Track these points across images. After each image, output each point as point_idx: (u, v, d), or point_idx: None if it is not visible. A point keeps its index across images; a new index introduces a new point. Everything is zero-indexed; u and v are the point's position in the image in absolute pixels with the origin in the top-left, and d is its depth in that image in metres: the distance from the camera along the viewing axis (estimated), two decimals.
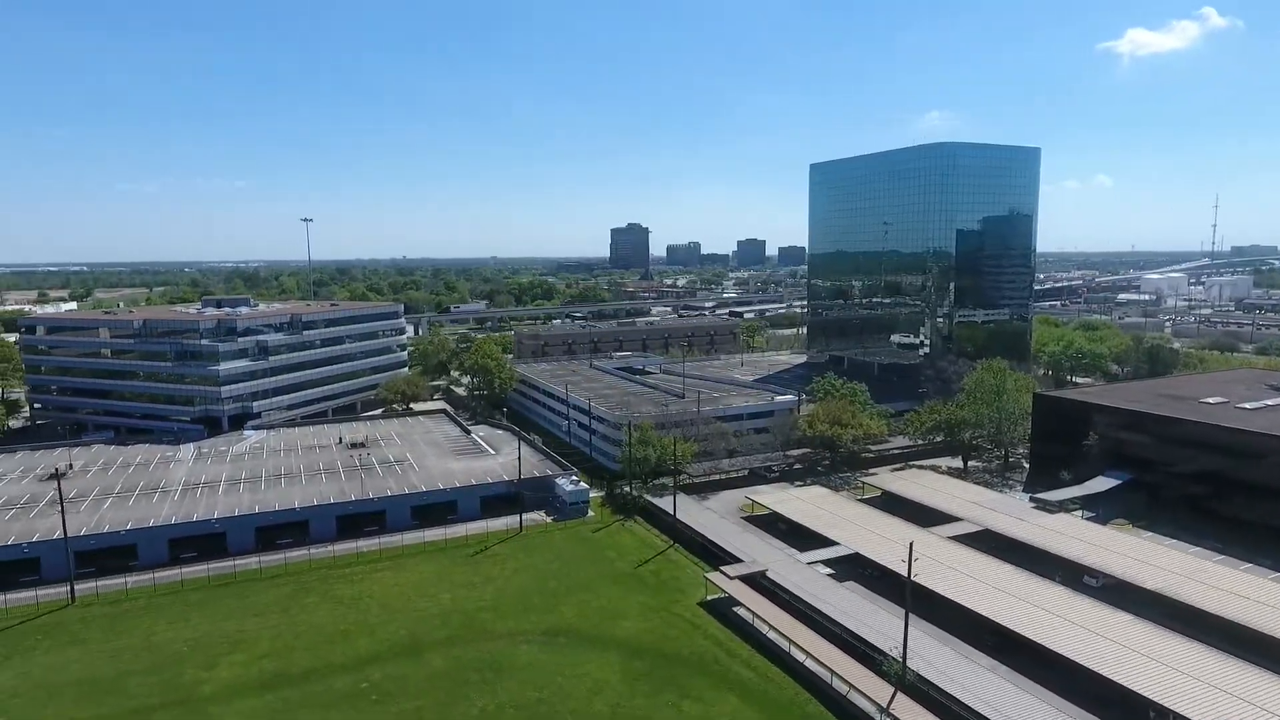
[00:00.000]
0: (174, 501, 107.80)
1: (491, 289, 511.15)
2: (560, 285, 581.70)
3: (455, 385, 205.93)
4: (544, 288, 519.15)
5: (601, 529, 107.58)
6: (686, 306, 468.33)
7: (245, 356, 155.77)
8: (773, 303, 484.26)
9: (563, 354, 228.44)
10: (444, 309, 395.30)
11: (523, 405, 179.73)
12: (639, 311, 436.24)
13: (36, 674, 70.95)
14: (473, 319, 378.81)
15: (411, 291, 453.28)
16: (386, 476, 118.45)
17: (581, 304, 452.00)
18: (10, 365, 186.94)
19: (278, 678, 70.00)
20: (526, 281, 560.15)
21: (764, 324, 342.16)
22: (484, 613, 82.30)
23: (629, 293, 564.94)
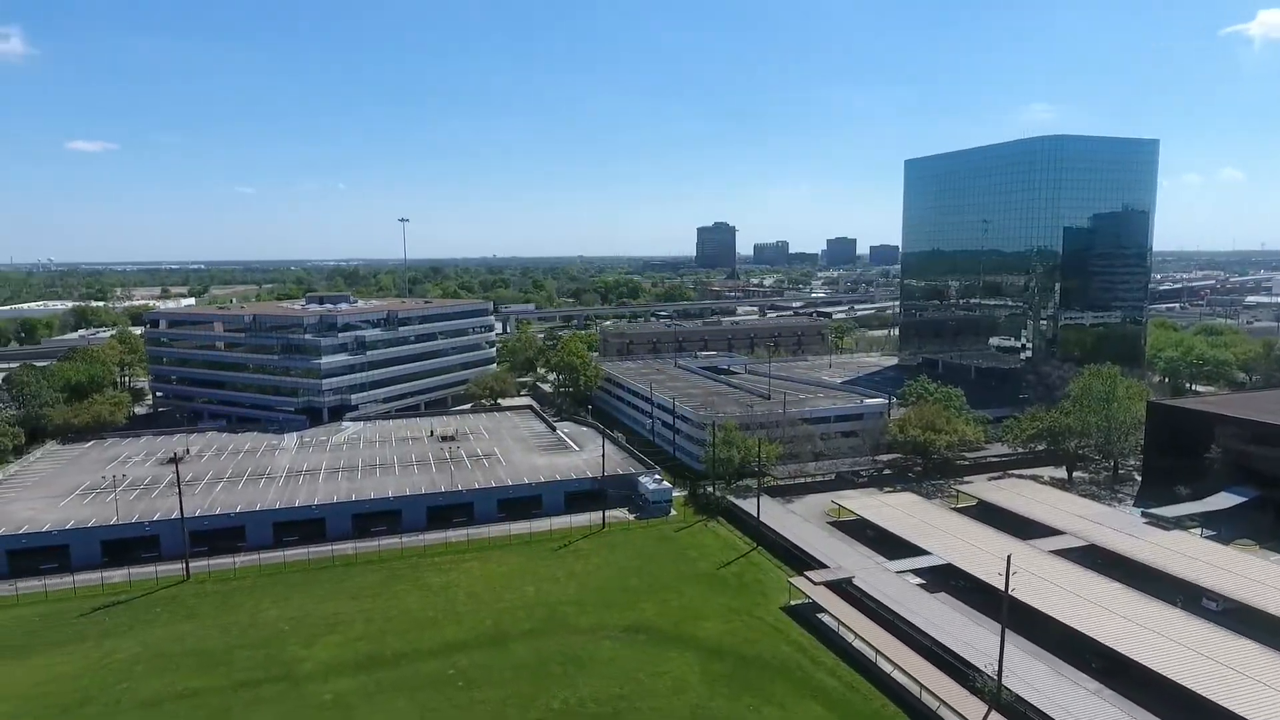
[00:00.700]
0: (278, 487, 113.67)
1: (578, 287, 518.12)
2: (646, 284, 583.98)
3: (542, 382, 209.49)
4: (630, 286, 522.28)
5: (684, 528, 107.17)
6: (773, 306, 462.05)
7: (344, 351, 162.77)
8: (863, 303, 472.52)
9: (647, 353, 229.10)
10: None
11: (607, 403, 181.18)
12: (725, 311, 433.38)
13: (156, 643, 75.99)
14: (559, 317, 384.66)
15: (500, 289, 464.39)
16: (474, 470, 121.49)
17: (667, 303, 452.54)
18: (137, 356, 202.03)
19: (371, 659, 72.69)
20: (612, 280, 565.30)
21: (853, 325, 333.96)
22: (566, 606, 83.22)
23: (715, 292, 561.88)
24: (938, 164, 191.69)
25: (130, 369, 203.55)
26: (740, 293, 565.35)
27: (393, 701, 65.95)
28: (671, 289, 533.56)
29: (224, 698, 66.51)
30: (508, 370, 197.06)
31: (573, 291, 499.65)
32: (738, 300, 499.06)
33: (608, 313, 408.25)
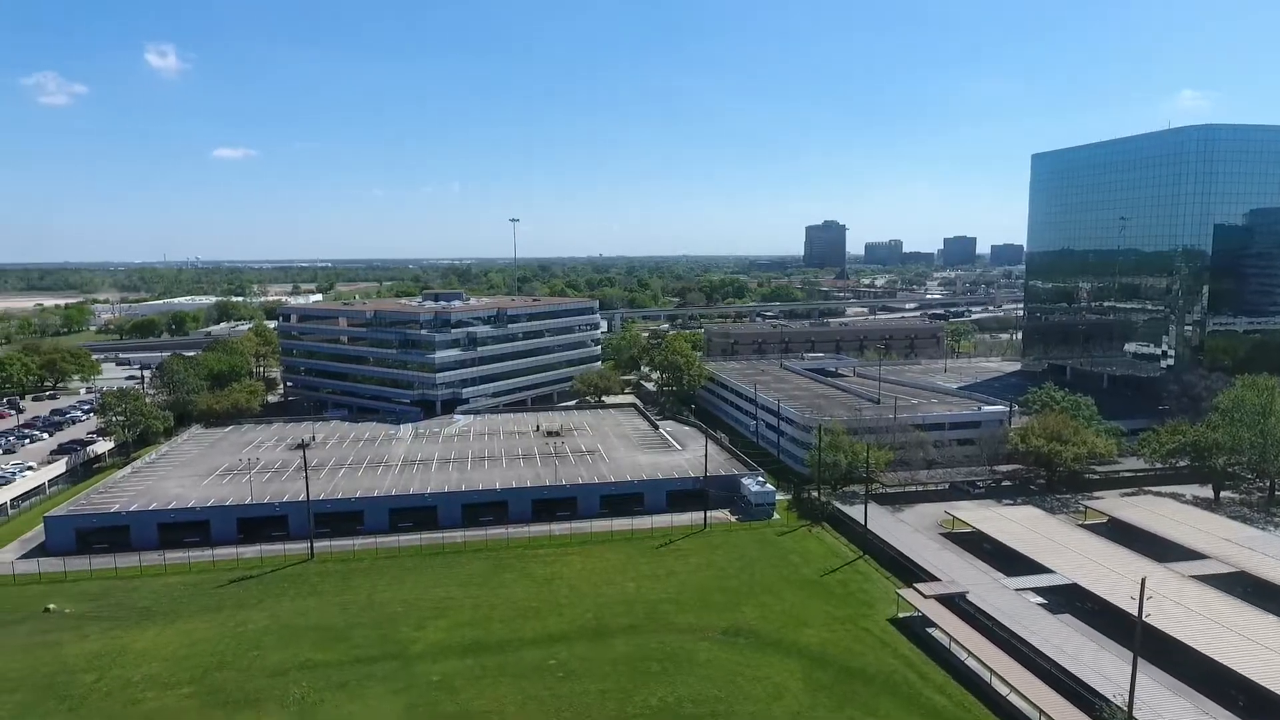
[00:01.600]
0: (394, 475, 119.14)
1: (683, 286, 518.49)
2: (752, 283, 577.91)
3: (645, 380, 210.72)
4: (735, 286, 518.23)
5: (787, 533, 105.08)
6: (885, 307, 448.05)
7: (457, 346, 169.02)
8: (983, 305, 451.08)
9: (752, 353, 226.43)
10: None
11: (710, 403, 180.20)
12: (833, 312, 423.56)
13: (283, 617, 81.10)
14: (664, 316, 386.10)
15: (606, 288, 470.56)
16: (578, 465, 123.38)
17: (773, 302, 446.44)
18: (270, 348, 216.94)
19: (477, 644, 74.95)
20: (718, 279, 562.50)
21: (972, 327, 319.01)
22: (666, 605, 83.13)
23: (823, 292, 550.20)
24: (1069, 158, 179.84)
25: (264, 360, 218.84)
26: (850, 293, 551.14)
27: (496, 686, 67.71)
28: (778, 288, 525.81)
29: (342, 671, 70.17)
30: (612, 368, 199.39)
31: (678, 290, 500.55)
32: (847, 301, 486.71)
33: (712, 312, 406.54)
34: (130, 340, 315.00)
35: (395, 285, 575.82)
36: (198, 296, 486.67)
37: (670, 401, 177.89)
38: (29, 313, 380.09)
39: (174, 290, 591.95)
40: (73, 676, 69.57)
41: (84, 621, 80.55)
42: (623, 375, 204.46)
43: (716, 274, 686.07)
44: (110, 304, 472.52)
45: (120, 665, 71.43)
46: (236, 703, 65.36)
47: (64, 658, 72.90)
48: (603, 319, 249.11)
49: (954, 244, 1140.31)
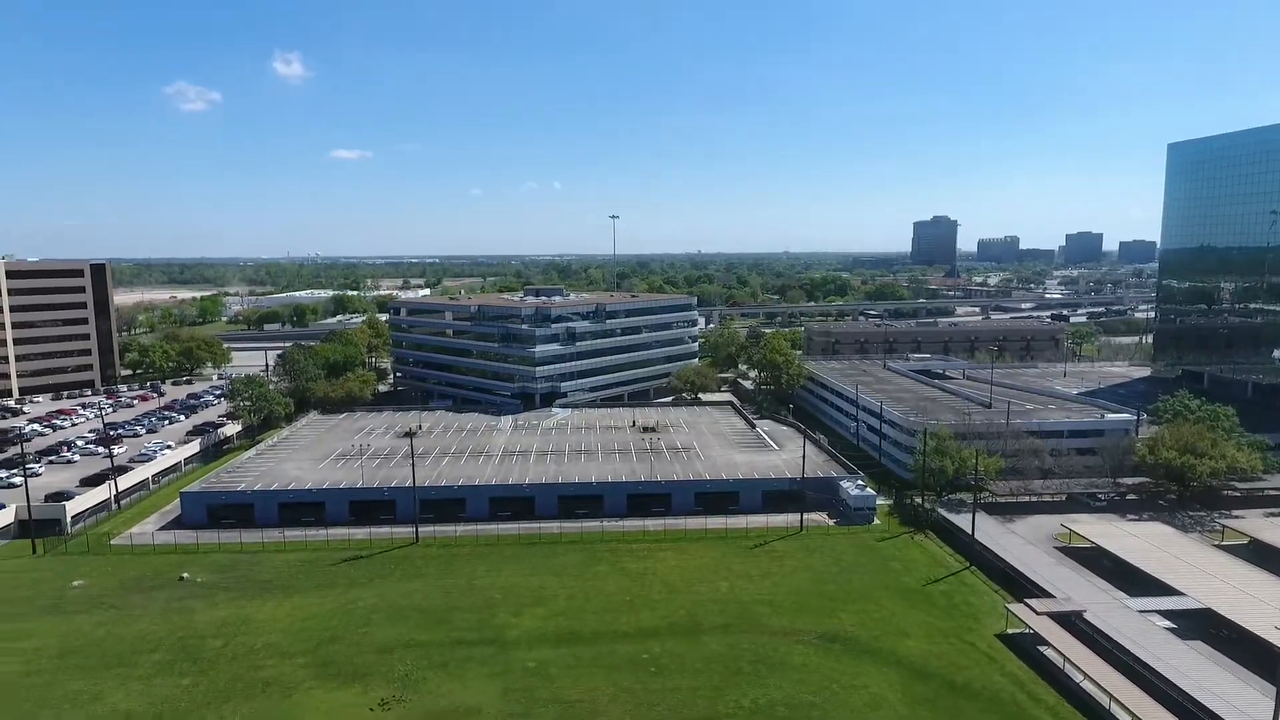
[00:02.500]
0: (495, 465, 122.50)
1: (783, 283, 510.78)
2: (855, 281, 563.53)
3: (743, 378, 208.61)
4: (837, 283, 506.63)
5: (888, 539, 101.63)
6: (999, 307, 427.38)
7: (556, 341, 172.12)
8: (1108, 305, 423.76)
9: (854, 352, 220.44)
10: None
11: (809, 403, 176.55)
12: (942, 311, 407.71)
13: (390, 597, 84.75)
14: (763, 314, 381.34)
15: (704, 285, 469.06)
16: (674, 462, 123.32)
17: (877, 301, 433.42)
18: (382, 340, 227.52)
19: (571, 634, 76.05)
20: (819, 277, 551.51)
21: (1095, 329, 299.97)
22: (760, 606, 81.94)
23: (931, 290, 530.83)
24: (1211, 147, 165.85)
25: (376, 351, 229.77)
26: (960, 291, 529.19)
27: (589, 676, 68.48)
28: (882, 286, 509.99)
29: (443, 652, 72.66)
30: (709, 365, 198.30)
31: (777, 288, 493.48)
32: (957, 300, 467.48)
33: (813, 310, 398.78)
34: (256, 330, 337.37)
35: (498, 281, 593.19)
36: (316, 290, 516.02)
37: (768, 400, 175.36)
38: (168, 304, 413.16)
39: (295, 284, 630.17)
40: (202, 641, 74.96)
41: (213, 590, 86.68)
42: (720, 373, 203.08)
43: (818, 271, 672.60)
44: (240, 297, 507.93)
45: (244, 633, 76.43)
46: (346, 675, 68.74)
47: (195, 623, 78.64)
48: (700, 316, 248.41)
49: (1077, 240, 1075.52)
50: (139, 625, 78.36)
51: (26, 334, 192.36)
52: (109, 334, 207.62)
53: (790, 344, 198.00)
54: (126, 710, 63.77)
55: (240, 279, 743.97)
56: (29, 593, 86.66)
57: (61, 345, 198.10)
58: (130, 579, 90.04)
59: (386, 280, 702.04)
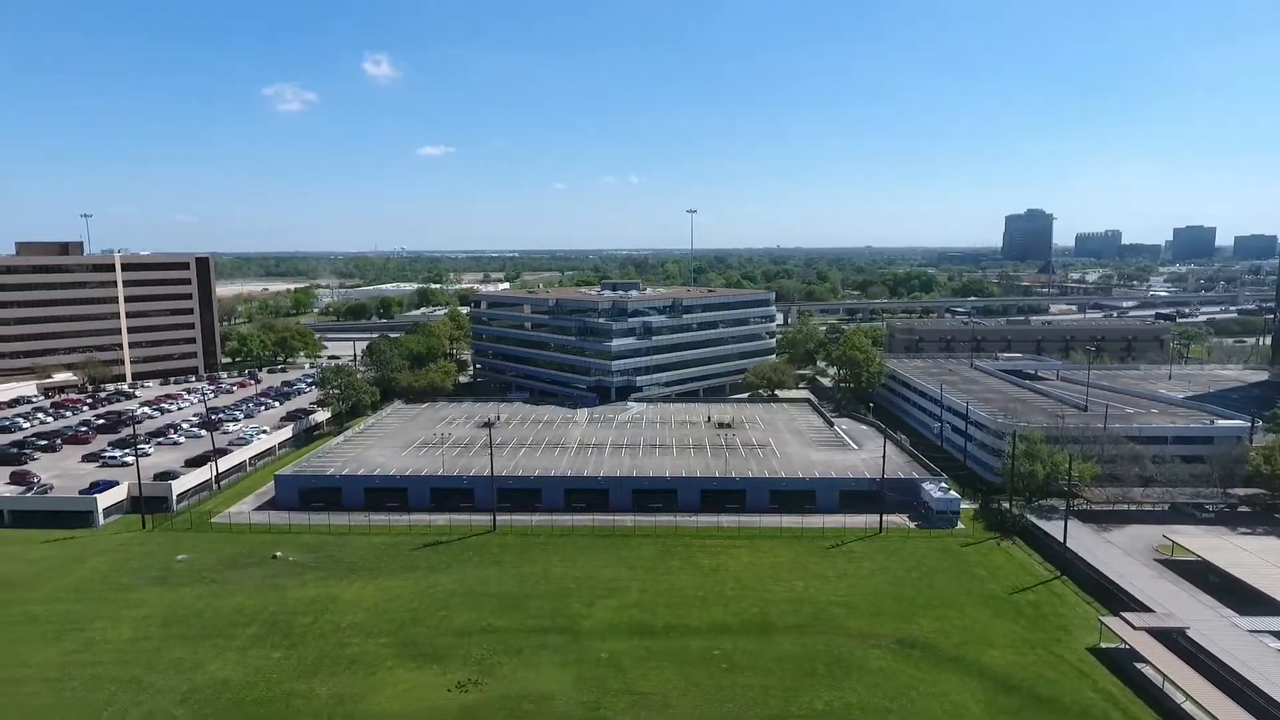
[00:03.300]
0: (570, 457, 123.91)
1: (864, 279, 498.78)
2: (941, 277, 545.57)
3: (821, 375, 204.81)
4: (922, 279, 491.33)
5: (971, 544, 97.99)
6: (1097, 305, 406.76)
7: (633, 335, 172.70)
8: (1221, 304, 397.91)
9: (939, 351, 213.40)
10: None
11: (890, 402, 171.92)
12: (1035, 309, 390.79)
13: (468, 582, 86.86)
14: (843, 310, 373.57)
15: (783, 280, 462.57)
16: (748, 458, 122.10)
17: (964, 298, 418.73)
18: (463, 332, 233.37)
19: (643, 627, 76.27)
20: (903, 273, 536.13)
21: (1206, 330, 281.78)
22: (835, 607, 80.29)
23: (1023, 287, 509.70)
24: None
25: (457, 343, 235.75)
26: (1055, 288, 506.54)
27: (661, 669, 68.52)
28: (970, 283, 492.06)
29: (518, 639, 73.98)
30: (786, 362, 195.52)
31: (859, 284, 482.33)
32: (1051, 297, 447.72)
33: (896, 306, 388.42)
34: (345, 321, 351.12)
35: (576, 275, 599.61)
36: (402, 284, 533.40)
37: (847, 399, 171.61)
38: (264, 296, 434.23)
39: (382, 277, 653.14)
40: (293, 617, 78.52)
41: (303, 570, 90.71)
42: (797, 369, 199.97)
43: (901, 267, 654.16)
44: (330, 289, 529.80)
45: (331, 612, 79.68)
46: (426, 656, 70.82)
47: (286, 600, 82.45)
48: (778, 311, 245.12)
49: (1186, 235, 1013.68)
50: (235, 599, 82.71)
51: (139, 323, 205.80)
52: (212, 324, 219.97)
53: (871, 341, 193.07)
54: (224, 678, 67.40)
55: (331, 272, 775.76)
56: (139, 564, 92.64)
57: (169, 334, 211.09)
58: (228, 555, 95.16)
59: (468, 274, 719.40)
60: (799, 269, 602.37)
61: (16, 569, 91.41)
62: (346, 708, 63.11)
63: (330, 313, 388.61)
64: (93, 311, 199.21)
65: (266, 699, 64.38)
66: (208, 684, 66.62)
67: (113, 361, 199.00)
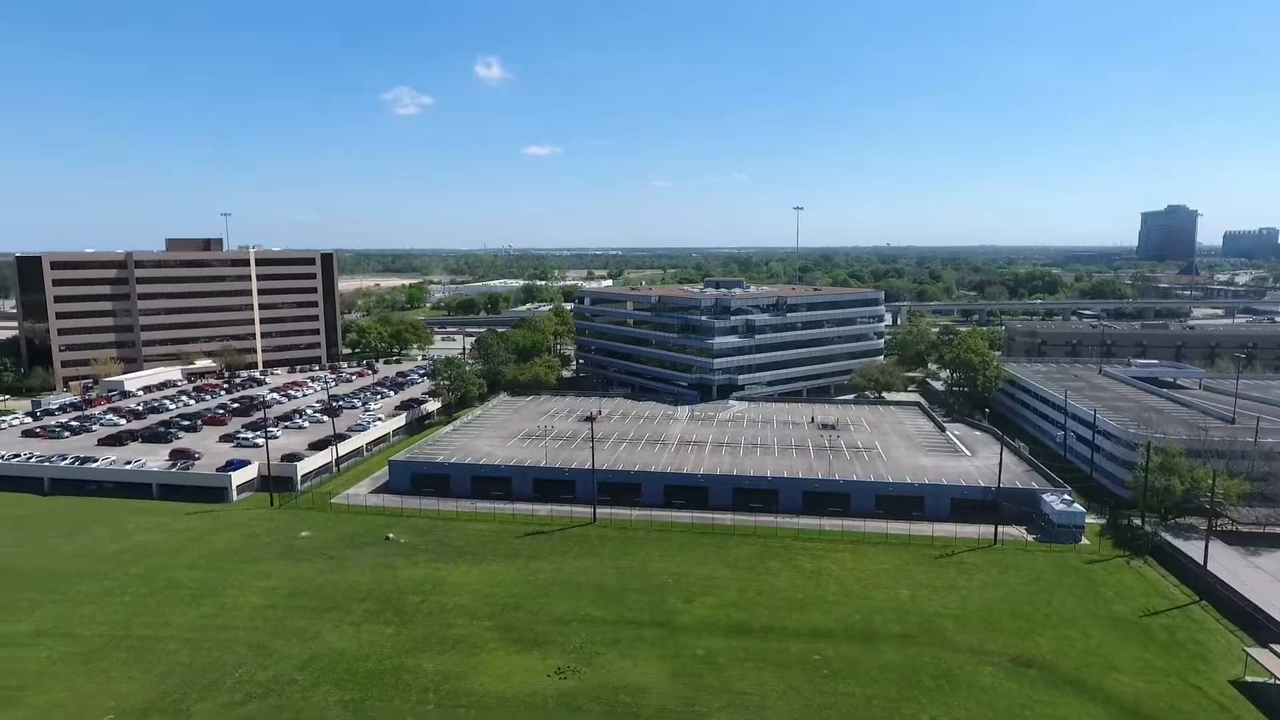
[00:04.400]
0: (670, 454, 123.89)
1: (981, 279, 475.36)
2: (1067, 277, 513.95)
3: (932, 378, 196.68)
4: (1046, 279, 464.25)
5: (1097, 561, 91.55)
6: (1248, 309, 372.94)
7: (735, 333, 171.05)
8: None
9: (1064, 355, 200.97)
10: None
11: (1008, 407, 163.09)
12: (1174, 312, 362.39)
13: (568, 572, 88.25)
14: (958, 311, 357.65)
15: (893, 279, 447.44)
16: (853, 461, 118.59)
17: (1093, 300, 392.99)
18: (566, 328, 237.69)
19: (740, 626, 75.29)
20: (1024, 272, 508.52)
21: None
22: (944, 619, 76.77)
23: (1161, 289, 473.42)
24: None
25: (561, 338, 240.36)
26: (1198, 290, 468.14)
27: (758, 670, 67.41)
28: (1100, 283, 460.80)
29: (615, 630, 74.54)
30: (895, 363, 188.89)
31: (975, 284, 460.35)
32: (1194, 300, 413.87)
33: (1016, 308, 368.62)
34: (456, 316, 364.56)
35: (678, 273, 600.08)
36: (509, 280, 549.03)
37: (960, 403, 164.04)
38: (381, 291, 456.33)
39: (490, 274, 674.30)
40: (403, 596, 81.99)
41: (414, 551, 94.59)
42: (907, 371, 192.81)
43: (1023, 266, 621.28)
44: (441, 285, 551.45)
45: (438, 593, 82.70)
46: (526, 641, 72.39)
47: (398, 579, 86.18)
48: (888, 311, 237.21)
49: None
50: (351, 576, 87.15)
51: (269, 314, 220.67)
52: (334, 316, 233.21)
53: (988, 343, 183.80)
54: (340, 649, 71.11)
55: (442, 269, 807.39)
56: (267, 539, 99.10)
57: (296, 325, 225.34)
58: (345, 534, 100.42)
59: (572, 271, 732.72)
60: (910, 268, 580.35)
61: (164, 538, 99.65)
62: (451, 685, 65.31)
63: (441, 308, 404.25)
64: (230, 303, 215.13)
65: (378, 671, 67.47)
66: (326, 653, 70.46)
67: (246, 350, 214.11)
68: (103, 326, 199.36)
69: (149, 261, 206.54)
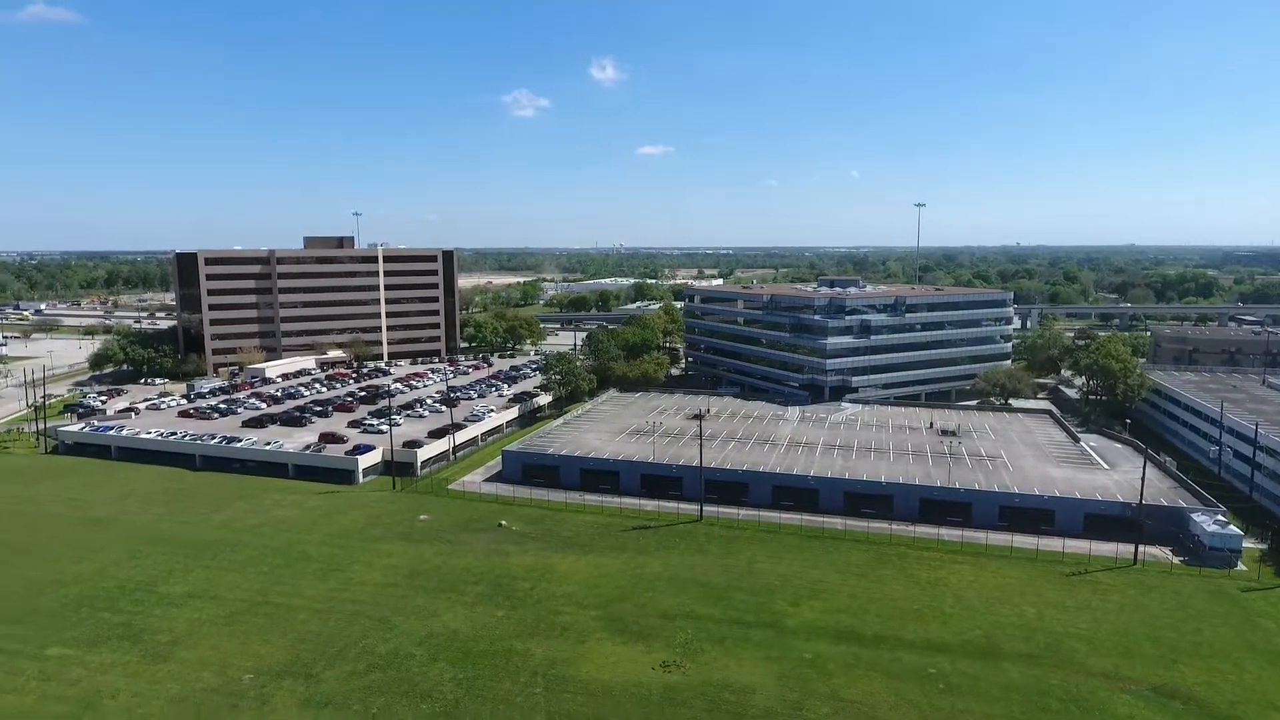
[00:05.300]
0: (779, 454, 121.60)
1: (1123, 281, 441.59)
2: (1225, 280, 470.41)
3: (1066, 385, 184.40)
4: (1199, 281, 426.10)
5: (1255, 589, 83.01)
6: None
7: (849, 333, 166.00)
8: None
9: (1220, 363, 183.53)
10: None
11: (1152, 419, 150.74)
12: None
13: (674, 568, 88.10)
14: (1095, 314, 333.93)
15: (1023, 280, 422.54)
16: (975, 470, 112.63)
17: (1257, 304, 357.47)
18: (676, 326, 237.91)
19: (850, 633, 72.86)
20: (1174, 274, 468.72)
21: None
22: (1074, 641, 71.58)
23: None
24: None
25: (670, 336, 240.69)
26: None
27: (869, 679, 65.00)
28: (1265, 286, 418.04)
29: (721, 628, 73.74)
30: (1024, 368, 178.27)
31: (1116, 286, 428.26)
32: None
33: (1164, 312, 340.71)
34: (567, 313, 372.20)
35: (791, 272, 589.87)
36: (619, 278, 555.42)
37: (1097, 413, 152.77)
38: (497, 289, 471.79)
39: (601, 272, 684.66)
40: (514, 581, 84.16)
41: (524, 539, 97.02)
42: (1037, 377, 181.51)
43: (1172, 267, 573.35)
44: (554, 282, 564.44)
45: (547, 580, 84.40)
46: (632, 634, 72.72)
47: (509, 565, 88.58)
48: (1016, 314, 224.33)
49: None
50: (466, 559, 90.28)
51: (394, 308, 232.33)
52: (453, 311, 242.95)
53: (1130, 350, 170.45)
54: (455, 629, 73.74)
55: (555, 266, 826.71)
56: (389, 520, 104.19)
57: (418, 319, 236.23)
58: (461, 520, 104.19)
59: (682, 270, 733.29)
60: (1042, 268, 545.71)
61: (297, 514, 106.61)
62: (558, 670, 66.43)
63: (554, 304, 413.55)
64: (359, 297, 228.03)
65: (489, 652, 69.50)
66: (441, 631, 73.23)
67: (373, 342, 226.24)
68: (248, 318, 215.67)
69: (289, 258, 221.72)
